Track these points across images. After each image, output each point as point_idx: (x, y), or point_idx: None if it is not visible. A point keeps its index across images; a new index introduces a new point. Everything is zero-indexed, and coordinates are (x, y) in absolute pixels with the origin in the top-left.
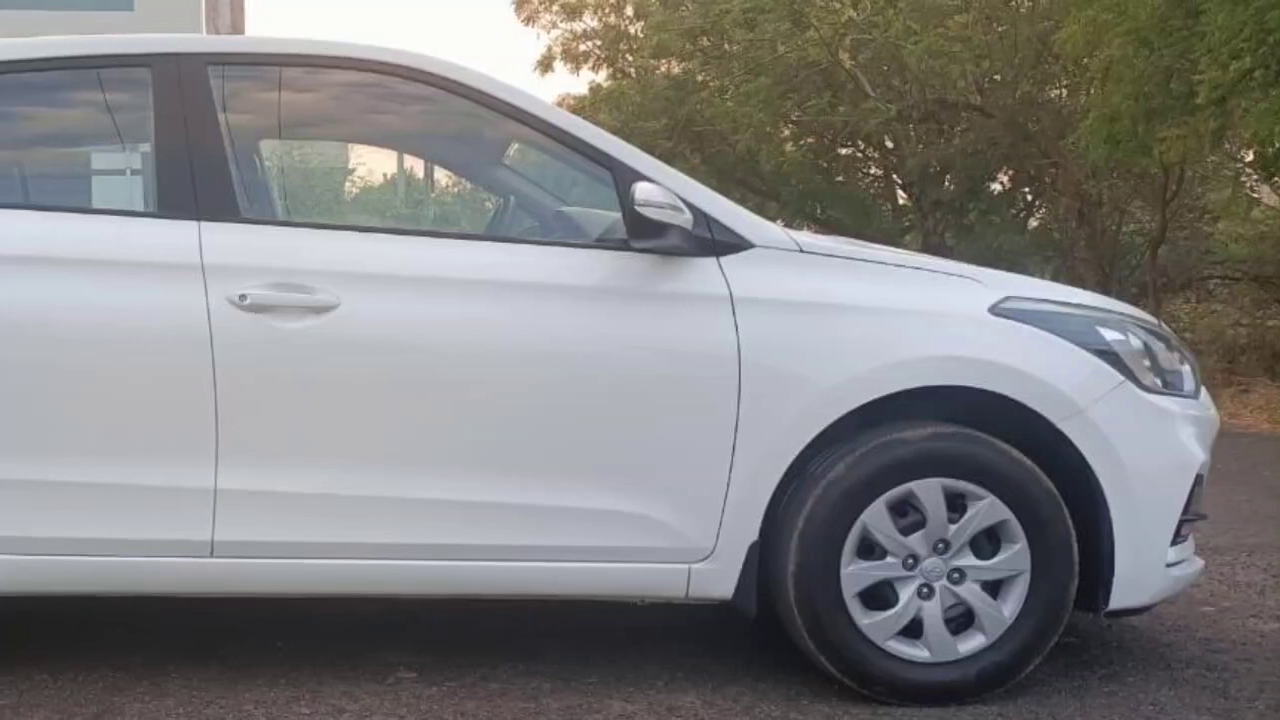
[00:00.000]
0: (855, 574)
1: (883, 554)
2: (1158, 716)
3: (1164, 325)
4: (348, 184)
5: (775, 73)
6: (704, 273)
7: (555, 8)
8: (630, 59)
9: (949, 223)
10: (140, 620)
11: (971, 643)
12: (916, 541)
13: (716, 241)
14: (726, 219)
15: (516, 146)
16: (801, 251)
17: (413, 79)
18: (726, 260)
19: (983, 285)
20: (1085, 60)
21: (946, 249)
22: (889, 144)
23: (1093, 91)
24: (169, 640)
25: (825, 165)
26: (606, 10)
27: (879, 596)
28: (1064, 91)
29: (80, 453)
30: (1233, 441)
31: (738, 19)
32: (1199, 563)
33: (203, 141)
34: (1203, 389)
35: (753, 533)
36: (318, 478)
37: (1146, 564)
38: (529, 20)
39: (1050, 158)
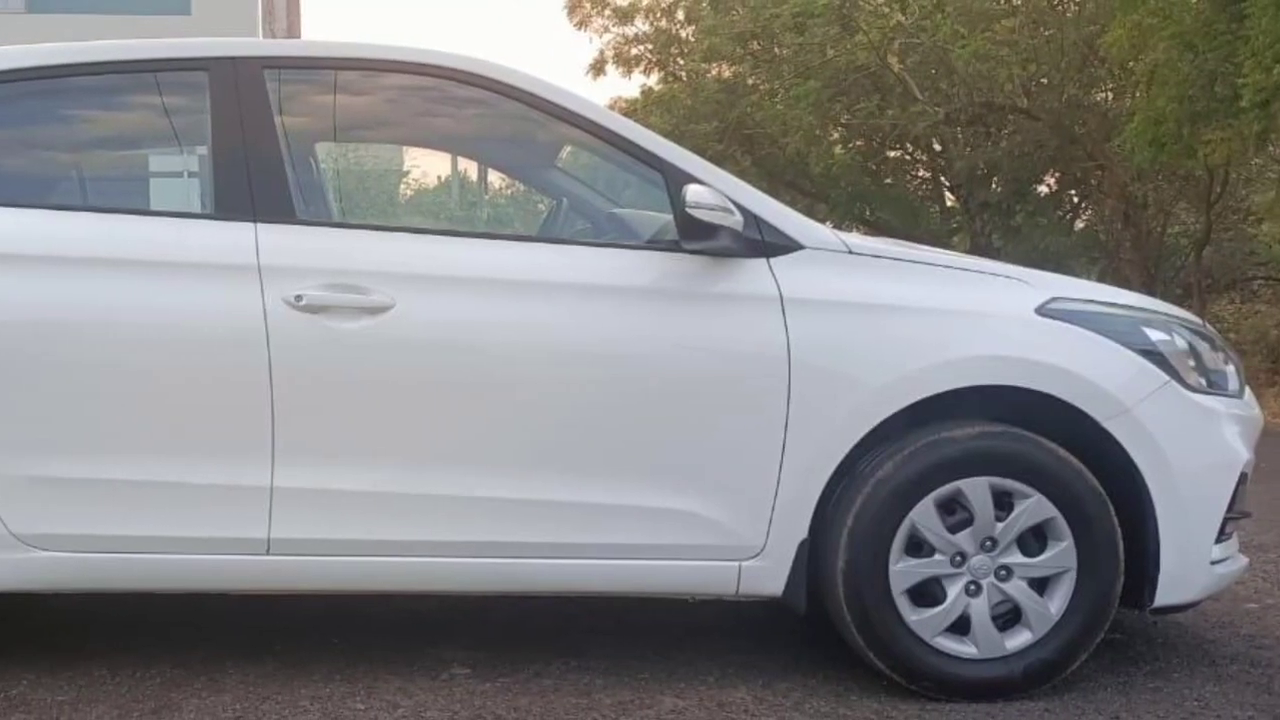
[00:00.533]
0: (904, 571)
1: (931, 551)
2: (1202, 712)
3: (1208, 325)
4: (402, 186)
5: (825, 76)
6: (754, 274)
7: (607, 12)
8: (681, 63)
9: (996, 224)
10: (198, 617)
11: (1018, 639)
12: (964, 539)
13: (766, 243)
14: (776, 220)
15: (569, 149)
16: (850, 253)
17: (467, 82)
18: (776, 261)
19: (1029, 286)
20: (1130, 64)
21: (994, 250)
22: (937, 146)
23: (1138, 95)
24: (226, 637)
25: (874, 168)
26: (658, 15)
27: (927, 593)
28: (1109, 95)
29: (139, 451)
30: (1276, 440)
31: (788, 23)
32: (1243, 560)
33: (259, 144)
34: (1247, 388)
35: (802, 530)
36: (373, 476)
37: (1191, 561)
38: (581, 24)
39: (1096, 160)
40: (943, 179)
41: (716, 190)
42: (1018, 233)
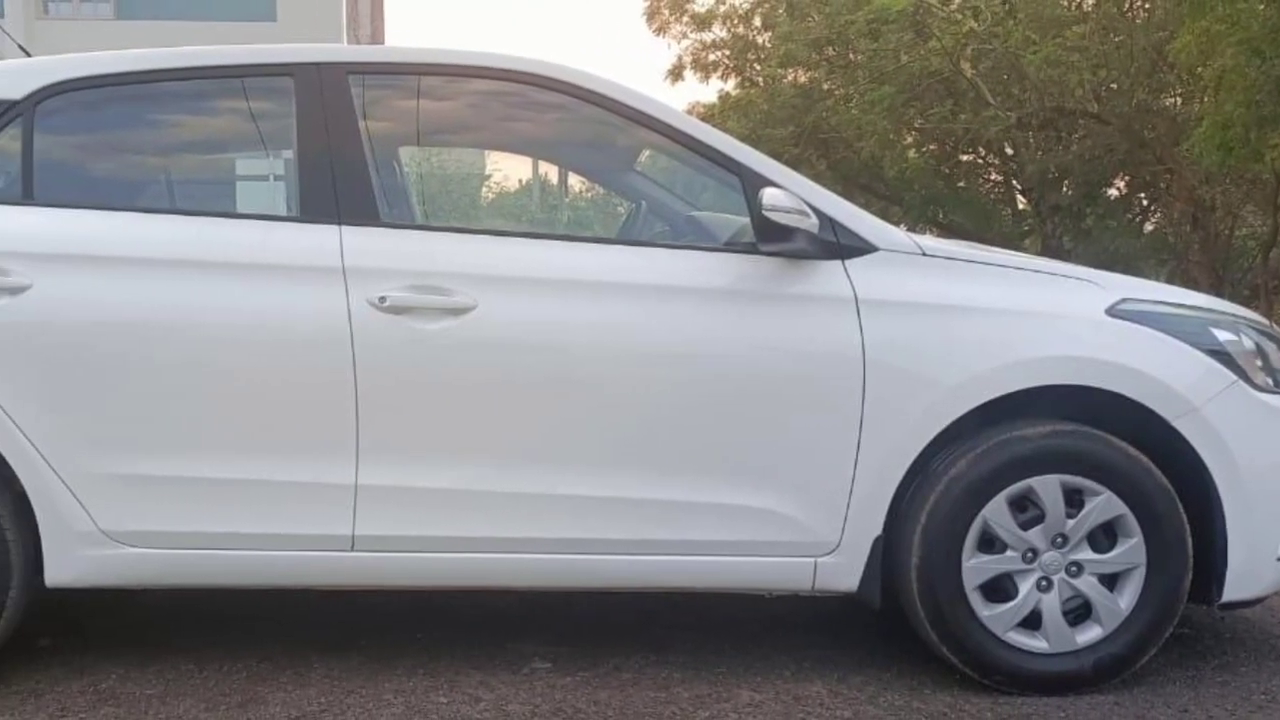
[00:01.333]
0: (976, 567)
1: (1003, 548)
2: (1269, 705)
3: (1275, 326)
4: (484, 189)
5: (899, 82)
6: (829, 275)
7: (685, 19)
8: (758, 68)
9: (1067, 227)
10: (284, 612)
11: (1089, 634)
12: (1036, 536)
13: (841, 245)
14: (851, 223)
15: (648, 153)
16: (924, 255)
17: (547, 87)
18: (851, 263)
19: (1100, 287)
20: (1199, 69)
21: (1065, 252)
22: (1009, 150)
23: (1206, 99)
24: (311, 632)
25: (947, 171)
26: (735, 21)
27: (999, 589)
28: (1178, 100)
29: (225, 450)
30: None
31: (862, 29)
32: None
33: (344, 148)
34: None
35: (877, 527)
36: (456, 474)
37: (1259, 557)
38: (660, 31)
39: (1165, 164)
40: (1014, 182)
41: (792, 193)
42: (1088, 235)
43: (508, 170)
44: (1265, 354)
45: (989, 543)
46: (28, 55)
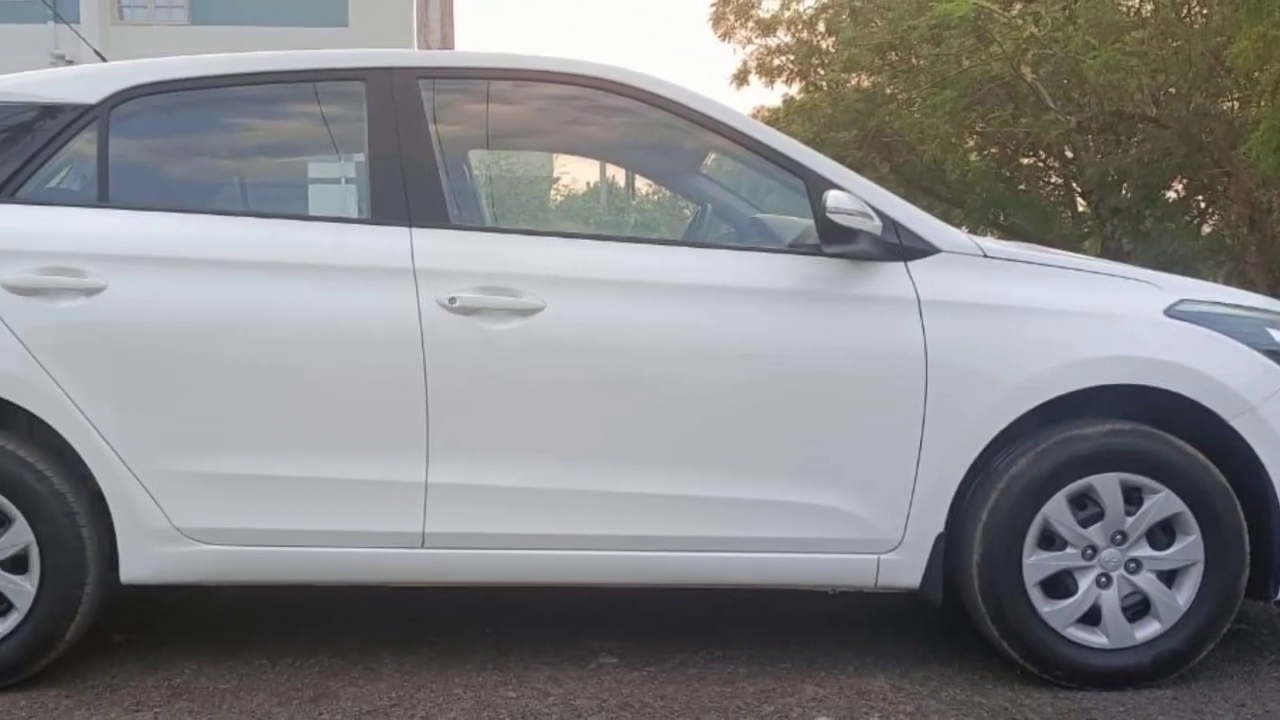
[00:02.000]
0: (1037, 564)
1: (1063, 545)
2: None
3: None
4: (552, 192)
5: (960, 86)
6: (892, 277)
7: (750, 24)
8: (822, 73)
9: (1126, 229)
10: (355, 608)
11: (1147, 630)
12: (1095, 533)
13: (904, 247)
14: (914, 225)
15: (713, 156)
16: (985, 256)
17: (615, 92)
18: (914, 265)
19: (1158, 289)
20: (1256, 74)
21: (1124, 254)
22: (1069, 154)
23: (1263, 104)
24: (382, 627)
25: (1008, 174)
26: (799, 26)
27: (1059, 585)
28: (1235, 104)
29: (298, 448)
30: None
31: (925, 35)
32: None
33: (414, 151)
34: None
35: (939, 524)
36: (524, 472)
37: None
38: (725, 36)
39: (1222, 167)
40: (1074, 185)
41: (856, 196)
42: (1147, 237)
43: (575, 173)
44: None
45: (1049, 540)
46: (103, 60)
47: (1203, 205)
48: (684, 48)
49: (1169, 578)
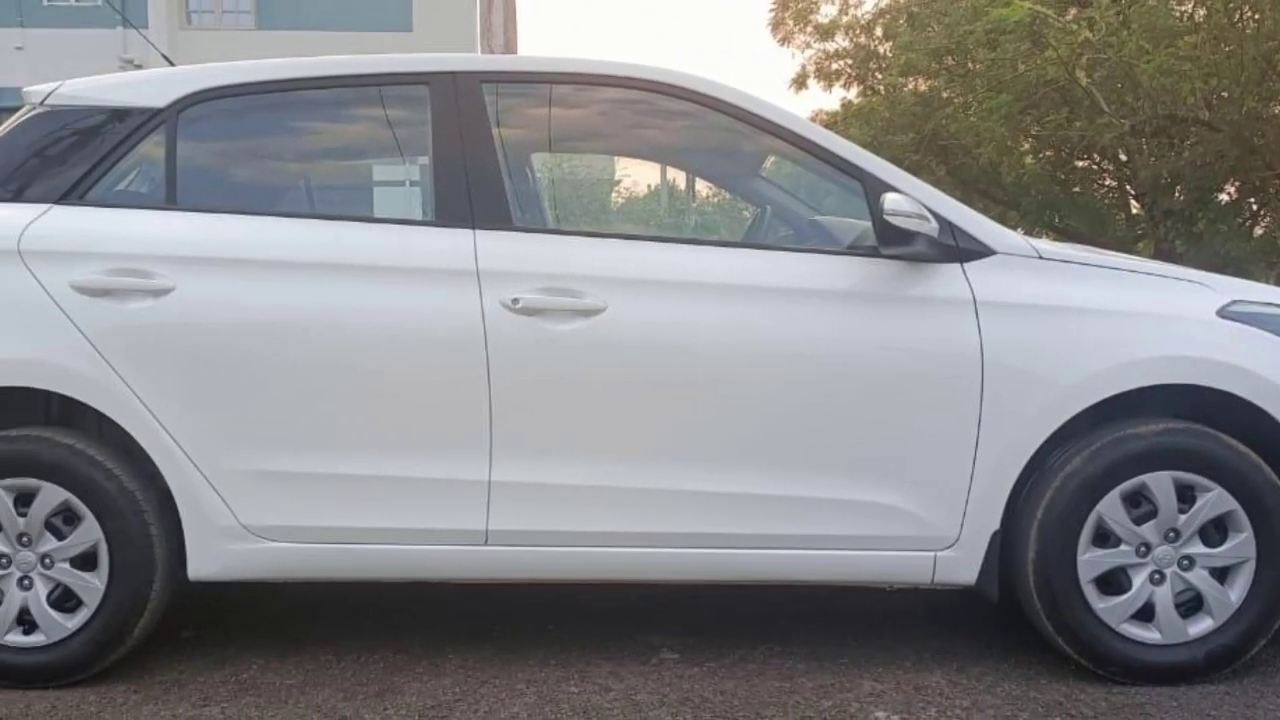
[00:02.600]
0: (1091, 561)
1: (1117, 542)
2: None
3: None
4: (614, 194)
5: (1016, 90)
6: (949, 278)
7: (809, 29)
8: (879, 77)
9: (1179, 231)
10: (419, 605)
11: (1200, 626)
12: (1149, 530)
13: (961, 248)
14: (970, 227)
15: (772, 159)
16: (1040, 258)
17: (675, 95)
18: (970, 266)
19: (1211, 290)
20: None
21: (1177, 256)
22: (1123, 157)
23: None
24: (446, 624)
25: (1063, 177)
26: (857, 31)
27: (1113, 582)
28: None
29: (363, 447)
30: None
31: (981, 39)
32: None
33: (478, 155)
34: None
35: (994, 522)
36: (587, 470)
37: None
38: (784, 40)
39: (1275, 169)
40: (1128, 188)
41: (913, 198)
42: (1200, 239)
43: (636, 176)
44: None
45: (1103, 537)
46: (171, 64)
47: (1255, 207)
48: (744, 52)
49: (1221, 574)
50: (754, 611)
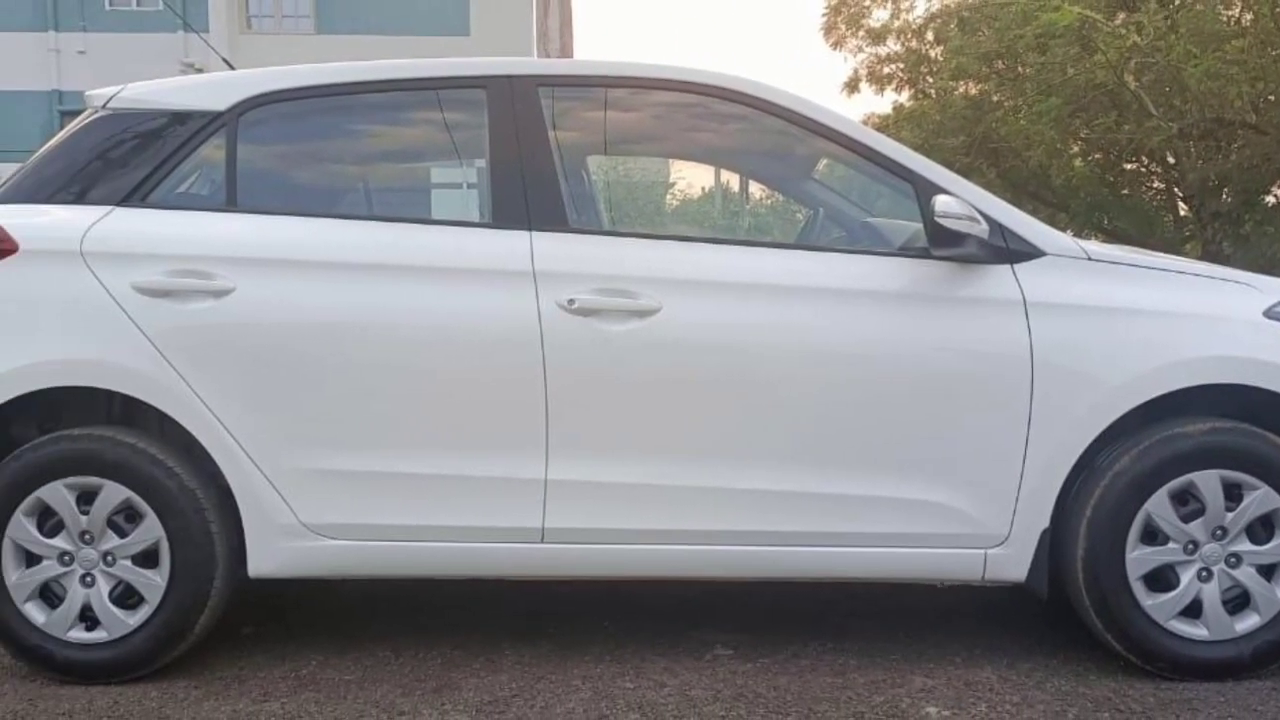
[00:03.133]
0: (1139, 558)
1: (1165, 540)
2: None
3: None
4: (668, 196)
5: (1065, 94)
6: (999, 279)
7: (861, 34)
8: (930, 81)
9: (1226, 232)
10: (476, 602)
11: (1247, 622)
12: (1196, 528)
13: (1011, 250)
14: (1020, 229)
15: (825, 162)
16: (1089, 259)
17: (729, 99)
18: (1020, 267)
19: (1258, 291)
20: None
21: (1224, 257)
22: (1170, 159)
23: None
24: (502, 620)
25: (1111, 179)
26: (909, 36)
27: (1161, 579)
28: None
29: (421, 446)
30: None
31: (1030, 44)
32: None
33: (534, 157)
34: None
35: (1044, 520)
36: (642, 469)
37: None
38: (837, 45)
39: None
40: (1176, 190)
41: (964, 200)
42: (1247, 240)
43: (691, 178)
44: None
45: (1151, 535)
46: (231, 68)
47: None
48: (797, 56)
49: (1268, 572)
50: (807, 608)
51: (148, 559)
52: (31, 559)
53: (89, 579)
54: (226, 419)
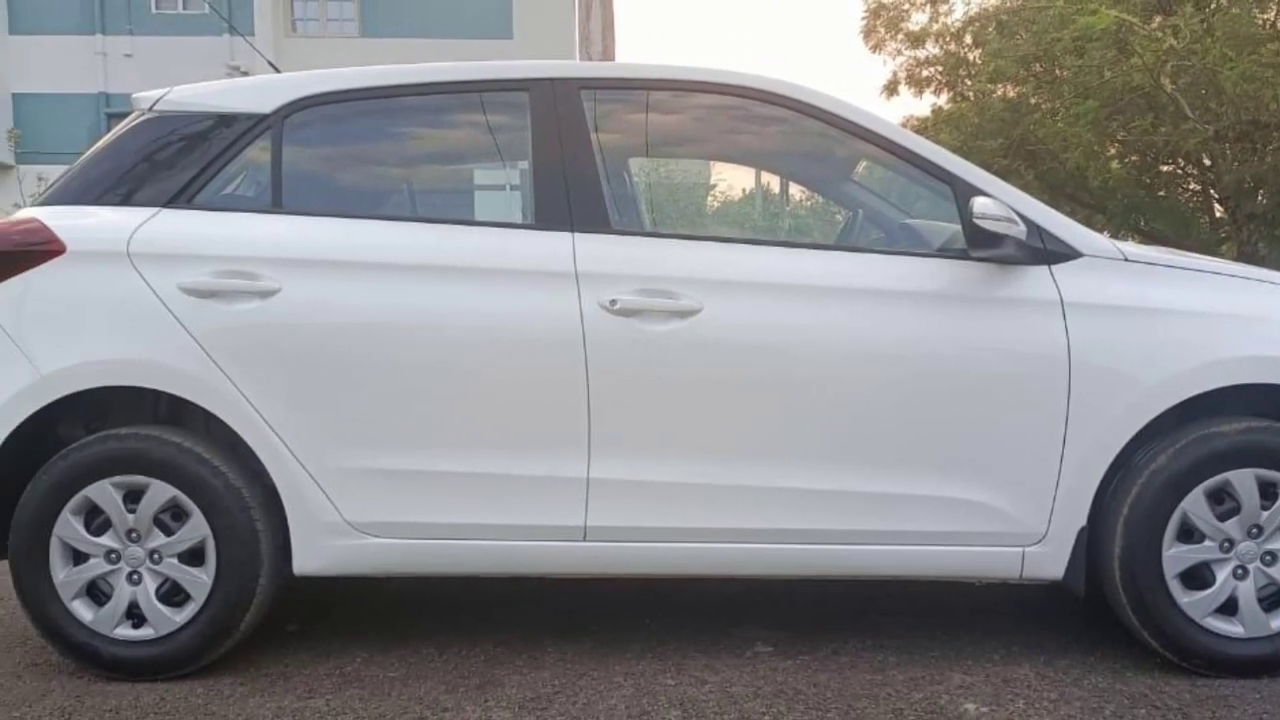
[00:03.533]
0: (1176, 556)
1: (1201, 538)
2: None
3: None
4: (709, 198)
5: (1102, 96)
6: (1037, 280)
7: (900, 37)
8: (969, 83)
9: (1262, 234)
10: (519, 599)
11: None
12: (1232, 527)
13: (1048, 251)
14: (1057, 230)
15: (864, 164)
16: (1126, 260)
17: (769, 102)
18: (1057, 268)
19: None
20: None
21: (1260, 258)
22: (1206, 161)
23: None
24: (545, 618)
25: (1148, 181)
26: (947, 39)
27: (1197, 577)
28: None
29: (464, 445)
30: None
31: (1068, 47)
32: None
33: (576, 159)
34: None
35: (1081, 518)
36: (683, 468)
37: None
38: (876, 48)
39: None
40: (1212, 192)
41: (1002, 202)
42: None
43: (731, 180)
44: None
45: (1188, 533)
46: (277, 71)
47: None
48: (837, 59)
49: None
50: (846, 606)
51: (194, 557)
52: (79, 557)
53: (136, 577)
54: (272, 418)
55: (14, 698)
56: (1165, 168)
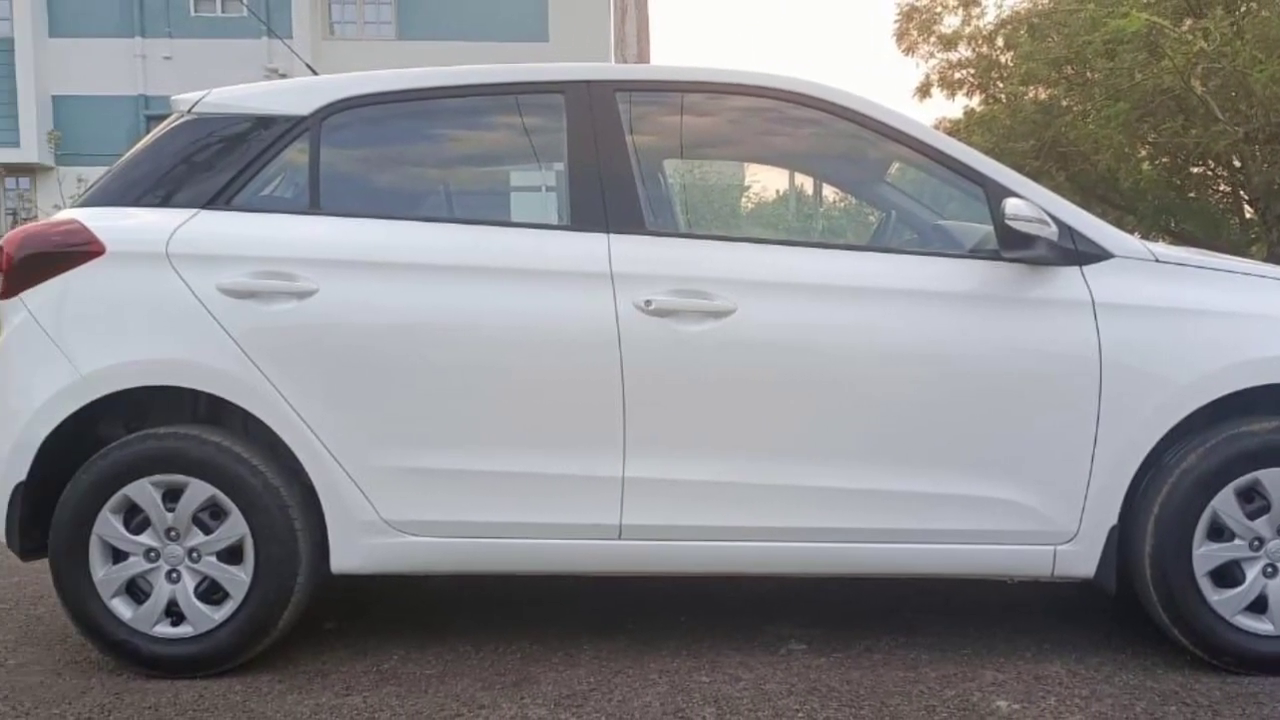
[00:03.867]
0: (1206, 555)
1: (1231, 536)
2: None
3: None
4: (743, 199)
5: (1133, 98)
6: (1068, 280)
7: (932, 39)
8: (1001, 86)
9: None
10: (554, 597)
11: None
12: (1262, 525)
13: (1079, 252)
14: (1088, 231)
15: (897, 165)
16: (1157, 261)
17: (803, 104)
18: (1089, 269)
19: None
20: None
21: None
22: (1236, 163)
23: None
24: (580, 616)
25: (1178, 183)
26: (979, 42)
27: (1227, 575)
28: None
29: (501, 444)
30: None
31: (1099, 49)
32: None
33: (612, 161)
34: None
35: (1112, 517)
36: (717, 467)
37: None
38: (909, 51)
39: None
40: (1242, 193)
41: (1033, 203)
42: None
43: (765, 181)
44: None
45: (1218, 531)
46: (314, 73)
47: None
48: (870, 61)
49: None
50: (879, 604)
51: (232, 555)
52: (118, 555)
53: (175, 575)
54: (310, 418)
55: (54, 695)
56: (1195, 169)
